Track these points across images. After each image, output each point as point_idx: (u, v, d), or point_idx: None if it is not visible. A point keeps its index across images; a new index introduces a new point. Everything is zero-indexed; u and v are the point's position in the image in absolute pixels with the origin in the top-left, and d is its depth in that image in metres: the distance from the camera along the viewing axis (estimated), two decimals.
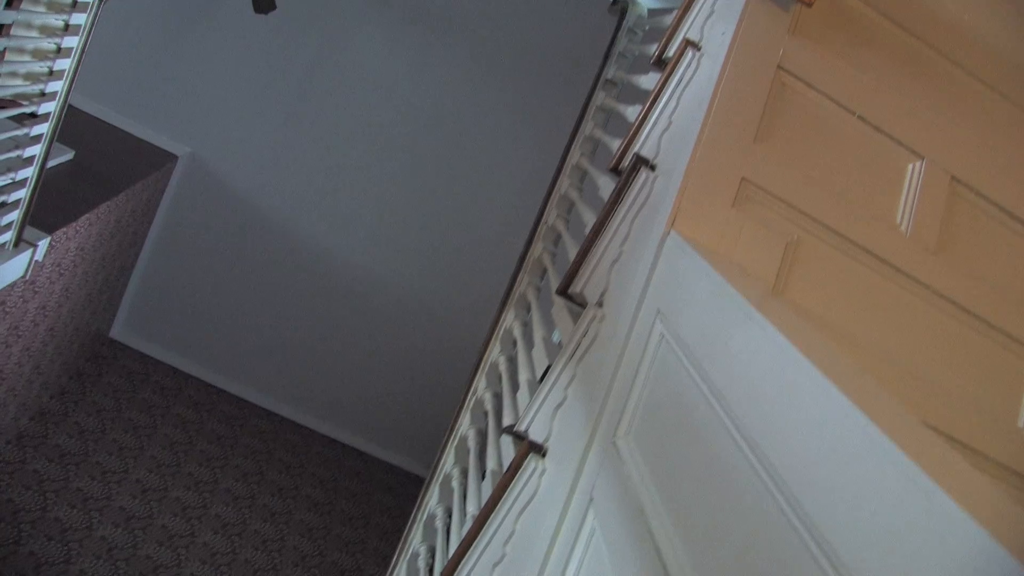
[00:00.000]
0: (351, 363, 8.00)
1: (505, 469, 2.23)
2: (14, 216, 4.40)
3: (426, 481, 2.98)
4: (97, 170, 6.17)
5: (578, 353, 2.10)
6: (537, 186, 7.14)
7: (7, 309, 4.83)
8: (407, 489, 7.91)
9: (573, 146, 3.38)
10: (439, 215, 7.63)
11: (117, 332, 7.84)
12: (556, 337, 3.82)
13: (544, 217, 3.19)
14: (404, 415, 8.12)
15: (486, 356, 3.03)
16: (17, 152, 4.14)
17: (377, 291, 7.80)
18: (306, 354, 7.98)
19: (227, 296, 7.81)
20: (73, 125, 4.88)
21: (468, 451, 2.90)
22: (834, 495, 1.09)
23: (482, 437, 2.91)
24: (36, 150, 4.30)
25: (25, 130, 4.13)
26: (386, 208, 7.61)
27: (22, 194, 4.35)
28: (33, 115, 4.20)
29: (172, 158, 7.29)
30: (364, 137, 7.46)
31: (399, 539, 7.05)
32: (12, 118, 4.07)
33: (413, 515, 3.02)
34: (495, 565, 2.08)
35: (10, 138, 4.04)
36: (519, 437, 2.30)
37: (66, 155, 5.92)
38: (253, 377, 8.00)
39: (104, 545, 5.73)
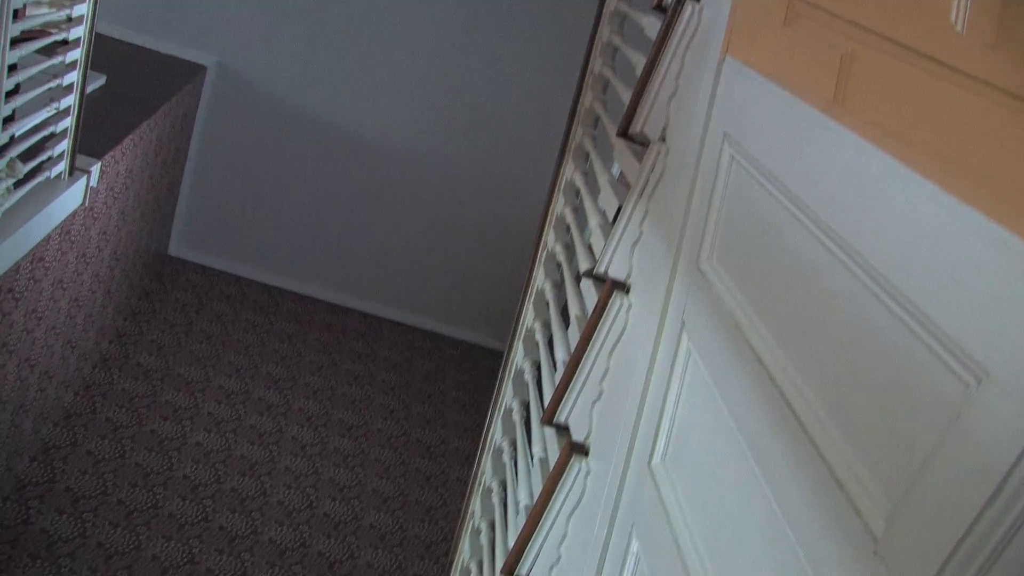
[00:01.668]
0: (408, 245, 8.10)
1: (590, 312, 2.32)
2: (64, 146, 4.48)
3: (508, 341, 3.08)
4: (131, 92, 6.21)
5: (648, 189, 2.15)
6: (575, 39, 7.08)
7: (72, 238, 4.96)
8: (479, 362, 8.10)
9: None
10: (477, 83, 7.59)
11: (175, 249, 7.99)
12: (616, 171, 3.86)
13: (589, 67, 3.20)
14: (468, 290, 8.24)
15: (551, 210, 3.09)
16: (56, 81, 4.19)
17: (424, 170, 7.83)
18: (362, 243, 8.08)
19: (275, 197, 7.90)
20: (99, 51, 4.91)
21: (547, 304, 2.98)
22: (929, 273, 1.15)
23: (559, 289, 2.99)
24: (74, 76, 4.34)
25: (59, 58, 4.17)
26: (422, 85, 7.58)
27: (68, 123, 4.42)
28: (64, 42, 4.23)
29: (201, 69, 7.30)
30: (391, 16, 7.40)
31: (476, 411, 7.27)
32: (43, 50, 4.10)
33: (500, 374, 3.14)
34: (594, 402, 2.18)
35: (47, 68, 4.08)
36: (600, 279, 2.37)
37: (99, 81, 5.96)
38: (313, 273, 8.15)
39: (200, 450, 5.98)
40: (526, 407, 2.91)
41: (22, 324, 4.49)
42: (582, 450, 2.13)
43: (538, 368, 2.89)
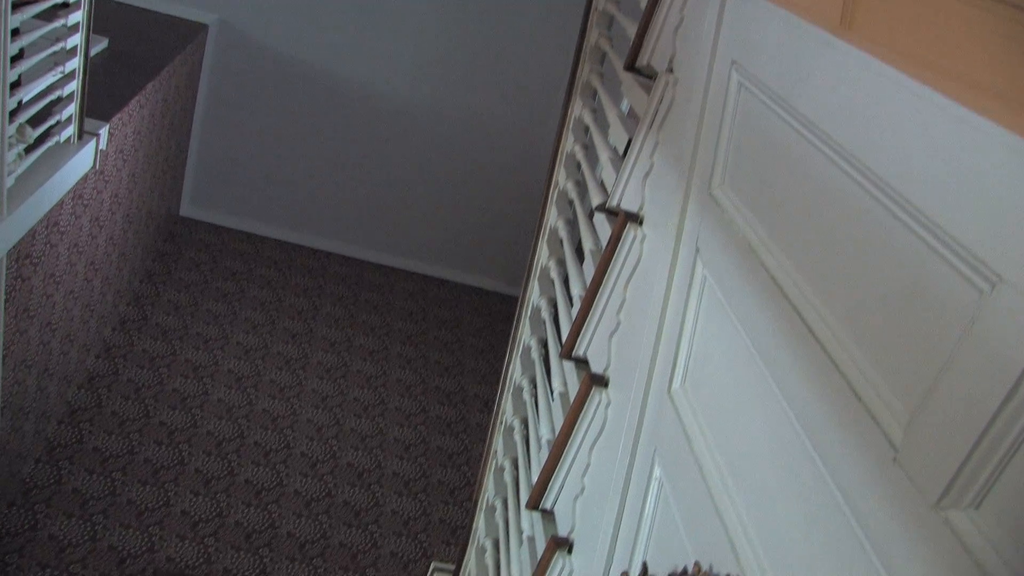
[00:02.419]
0: (419, 195, 8.11)
1: (604, 246, 2.33)
2: (72, 109, 4.49)
3: (523, 281, 3.10)
4: (134, 53, 6.20)
5: (657, 120, 2.16)
6: None
7: (85, 201, 4.99)
8: (494, 308, 8.15)
9: None
10: (480, 27, 7.54)
11: (186, 209, 8.02)
12: (625, 107, 3.85)
13: (593, 4, 3.18)
14: (481, 237, 8.25)
15: (560, 149, 3.09)
16: (60, 44, 4.18)
17: (431, 117, 7.81)
18: (372, 194, 8.09)
19: (283, 152, 7.90)
20: (100, 13, 4.89)
21: (561, 241, 3.00)
22: (941, 184, 1.16)
23: (572, 226, 3.01)
24: (77, 39, 4.34)
25: (61, 22, 4.16)
26: (425, 32, 7.54)
27: (74, 86, 4.42)
28: (65, 4, 4.22)
29: (203, 28, 7.28)
30: None
31: (493, 357, 7.32)
32: (44, 15, 4.08)
33: (517, 314, 3.16)
34: (612, 334, 2.21)
35: (50, 32, 4.07)
36: (613, 213, 2.39)
37: (101, 43, 5.94)
38: (326, 227, 8.17)
39: (222, 406, 6.05)
40: (544, 344, 2.94)
41: (41, 289, 4.53)
42: (602, 381, 2.16)
43: (554, 305, 2.91)
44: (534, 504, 2.49)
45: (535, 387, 2.96)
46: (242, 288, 7.35)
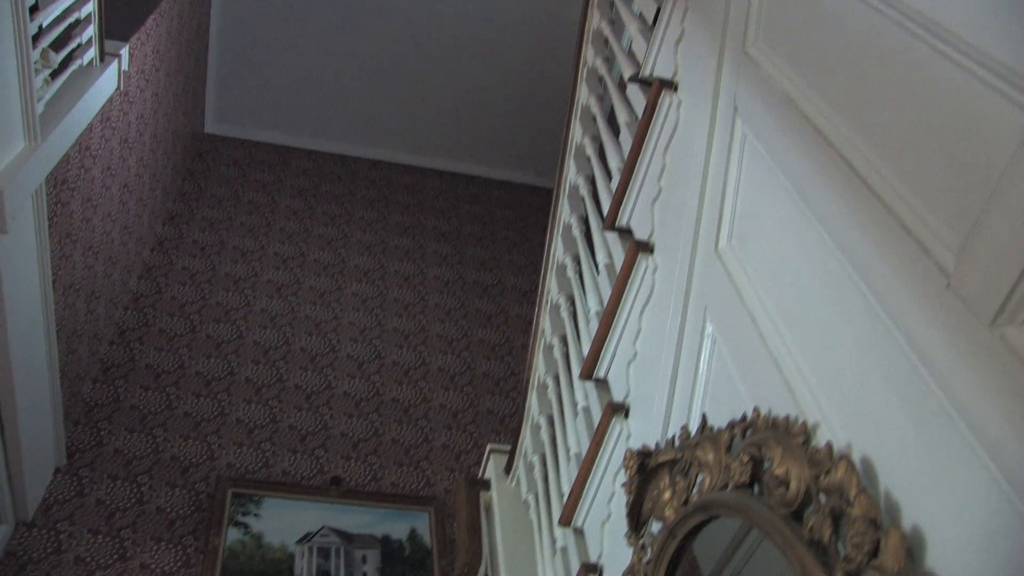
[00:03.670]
0: (442, 92, 8.06)
1: (639, 116, 2.35)
2: (91, 31, 4.48)
3: (558, 162, 3.12)
4: None
5: None
6: None
7: (113, 124, 5.01)
8: (525, 200, 8.17)
9: None
10: None
11: (211, 126, 8.03)
12: None
13: None
14: (506, 130, 8.22)
15: (587, 27, 3.06)
16: None
17: (452, 12, 7.69)
18: (396, 95, 8.04)
19: (304, 59, 7.84)
20: None
21: (594, 117, 3.01)
22: (982, 9, 1.17)
23: (604, 100, 3.01)
24: None
25: None
26: None
27: (91, 7, 4.41)
28: None
29: None
30: None
31: (528, 248, 7.37)
32: None
33: (555, 194, 3.18)
34: (654, 201, 2.24)
35: None
36: (646, 82, 2.39)
37: None
38: (352, 132, 8.16)
39: (266, 316, 6.15)
40: (584, 221, 2.97)
41: (80, 213, 4.60)
42: (647, 248, 2.20)
43: (592, 182, 2.93)
44: (587, 373, 2.55)
45: (579, 264, 3.00)
46: (274, 199, 7.41)
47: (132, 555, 4.44)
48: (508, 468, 3.63)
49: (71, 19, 4.20)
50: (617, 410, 2.28)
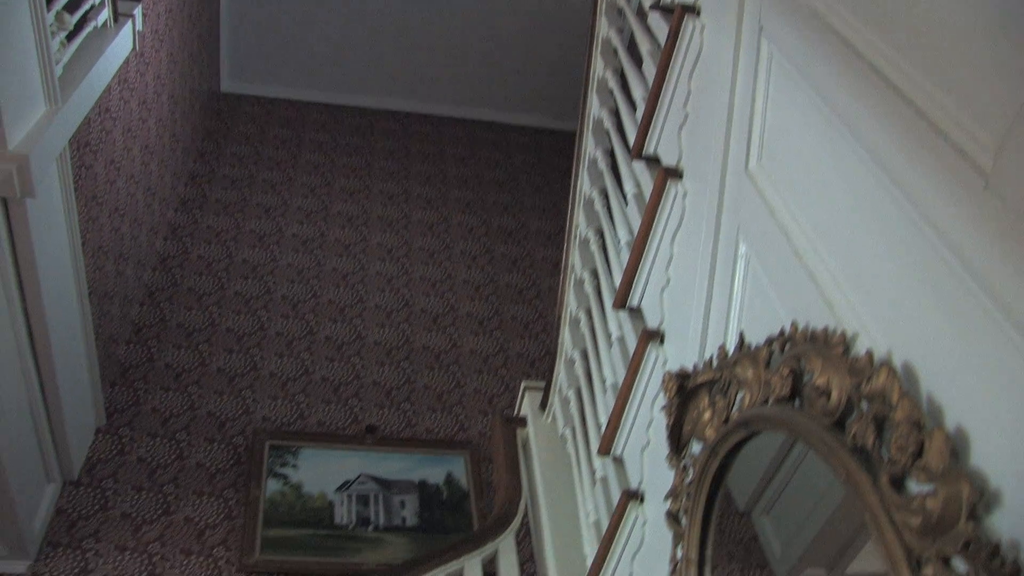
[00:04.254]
0: (457, 39, 8.00)
1: (662, 44, 2.34)
2: None
3: (581, 95, 3.11)
4: None
5: None
6: None
7: (130, 85, 5.02)
8: (544, 143, 8.14)
9: None
10: None
11: (227, 85, 8.03)
12: None
13: None
14: (522, 74, 8.17)
15: None
16: None
17: None
18: (412, 44, 7.99)
19: (317, 12, 7.79)
20: None
21: (614, 50, 2.99)
22: None
23: (624, 33, 2.99)
24: None
25: None
26: None
27: None
28: None
29: None
30: None
31: (549, 191, 7.36)
32: None
33: (578, 128, 3.18)
34: (681, 127, 2.23)
35: None
36: (667, 9, 2.38)
37: None
38: (369, 84, 8.13)
39: (292, 270, 6.19)
40: (610, 154, 2.97)
41: (104, 176, 4.62)
42: (676, 174, 2.20)
43: (616, 114, 2.92)
44: (620, 303, 2.56)
45: (606, 197, 3.00)
46: (294, 155, 7.42)
47: (176, 509, 4.53)
48: (543, 405, 3.66)
49: None
50: (652, 337, 2.29)
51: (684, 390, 1.84)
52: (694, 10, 2.15)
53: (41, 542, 4.23)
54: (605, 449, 2.71)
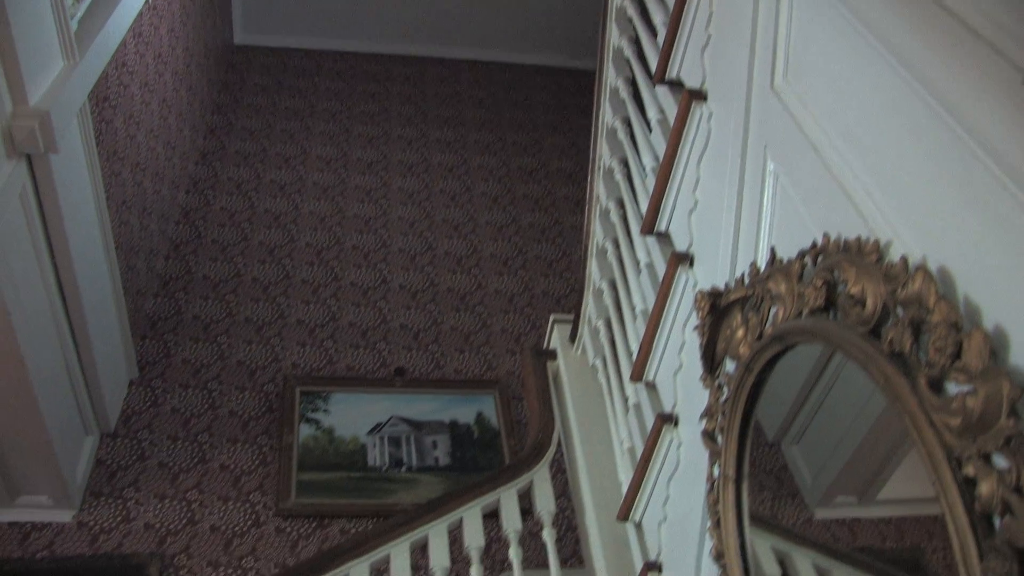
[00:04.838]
0: None
1: None
2: None
3: (600, 25, 3.08)
4: None
5: None
6: None
7: (145, 39, 5.01)
8: (562, 83, 8.09)
9: None
10: None
11: (240, 37, 7.99)
12: None
13: None
14: (537, 13, 8.07)
15: None
16: None
17: None
18: None
19: None
20: None
21: None
22: None
23: None
24: None
25: None
26: None
27: None
28: None
29: None
30: None
31: (569, 130, 7.32)
32: None
33: (599, 60, 3.15)
34: (703, 49, 2.21)
35: None
36: None
37: None
38: (382, 29, 8.07)
39: (315, 218, 6.21)
40: (631, 82, 2.94)
41: (124, 130, 4.63)
42: (701, 96, 2.18)
43: (636, 42, 2.90)
44: (648, 228, 2.56)
45: (629, 126, 2.99)
46: (310, 103, 7.40)
47: (211, 457, 4.59)
48: (572, 337, 3.67)
49: None
50: (682, 260, 2.30)
51: (716, 309, 1.85)
52: None
53: (84, 492, 4.31)
54: (637, 375, 2.73)
